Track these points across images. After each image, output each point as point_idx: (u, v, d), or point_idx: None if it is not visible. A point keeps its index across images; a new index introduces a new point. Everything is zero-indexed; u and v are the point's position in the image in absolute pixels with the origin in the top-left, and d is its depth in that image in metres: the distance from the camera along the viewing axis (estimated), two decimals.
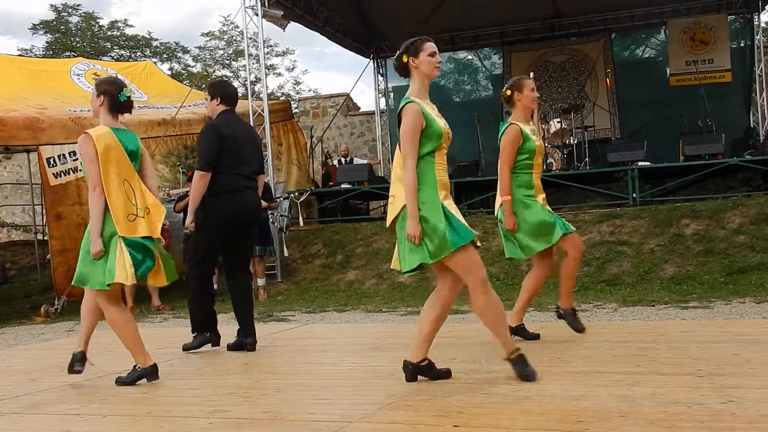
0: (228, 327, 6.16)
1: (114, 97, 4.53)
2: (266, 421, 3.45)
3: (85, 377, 4.76)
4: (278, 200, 11.06)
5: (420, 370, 4.06)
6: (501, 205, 5.14)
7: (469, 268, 3.85)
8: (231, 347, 5.64)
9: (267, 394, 4.02)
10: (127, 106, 4.59)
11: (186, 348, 5.65)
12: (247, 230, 5.68)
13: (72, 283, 4.60)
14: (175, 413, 3.72)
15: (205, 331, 5.65)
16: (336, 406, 3.69)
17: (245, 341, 5.59)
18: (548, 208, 5.10)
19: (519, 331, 5.20)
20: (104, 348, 5.69)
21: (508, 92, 5.21)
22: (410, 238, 3.85)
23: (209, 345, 5.68)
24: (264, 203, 8.85)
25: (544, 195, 5.18)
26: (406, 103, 3.96)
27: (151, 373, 4.51)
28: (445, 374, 4.07)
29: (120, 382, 4.51)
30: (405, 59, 4.04)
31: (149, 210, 4.55)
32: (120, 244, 4.37)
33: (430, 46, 4.03)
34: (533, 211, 5.01)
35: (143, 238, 4.47)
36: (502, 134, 5.17)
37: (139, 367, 4.50)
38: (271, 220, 10.46)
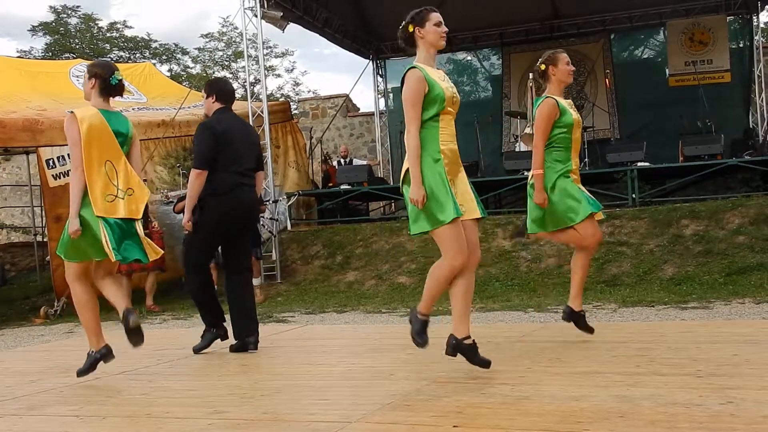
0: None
1: (105, 80, 4.56)
2: (266, 421, 3.45)
3: (85, 378, 4.76)
4: (267, 203, 11.05)
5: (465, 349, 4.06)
6: (531, 179, 4.94)
7: (452, 249, 3.89)
8: (234, 349, 5.60)
9: (266, 395, 4.01)
10: (118, 89, 4.63)
11: (196, 349, 5.58)
12: (246, 228, 5.68)
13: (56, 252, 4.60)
14: (175, 414, 3.71)
15: (216, 326, 5.61)
16: (335, 406, 3.69)
17: (248, 341, 5.57)
18: (579, 185, 4.93)
19: (578, 318, 5.02)
20: (114, 348, 5.68)
21: (543, 66, 5.02)
22: (413, 202, 3.88)
23: (218, 340, 5.66)
24: None
25: (578, 174, 4.99)
26: (409, 69, 3.98)
27: (106, 354, 4.56)
28: (484, 363, 4.05)
29: (80, 372, 4.55)
30: (411, 29, 4.06)
31: (133, 191, 4.54)
32: (100, 224, 4.39)
33: (436, 16, 4.05)
34: (565, 188, 4.84)
35: (123, 219, 4.48)
36: (536, 108, 4.99)
37: (92, 352, 4.56)
38: (261, 222, 10.44)
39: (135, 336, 4.53)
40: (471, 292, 4.09)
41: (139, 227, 4.60)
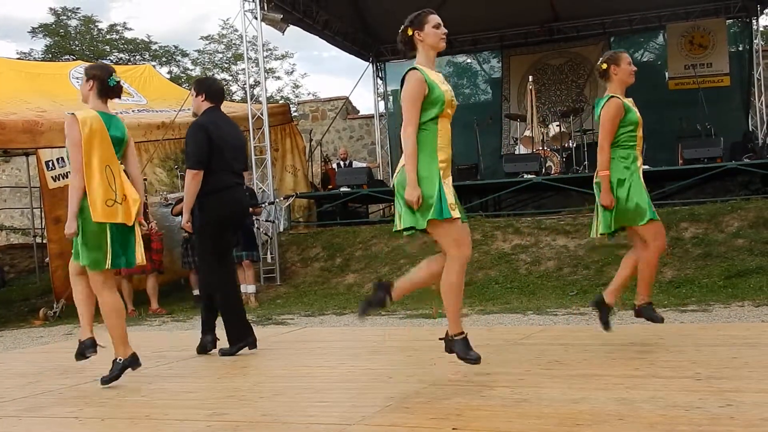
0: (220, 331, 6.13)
1: (103, 82, 4.56)
2: (265, 424, 3.45)
3: (84, 380, 4.76)
4: (263, 205, 11.03)
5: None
6: (597, 180, 4.88)
7: (456, 243, 3.91)
8: (224, 352, 5.56)
9: (265, 397, 4.01)
10: (116, 90, 4.62)
11: (223, 353, 5.52)
12: (238, 227, 5.74)
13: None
14: (174, 416, 3.71)
15: (246, 337, 5.52)
16: (334, 408, 3.69)
17: (248, 341, 5.56)
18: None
19: (648, 311, 4.97)
20: (113, 350, 5.68)
21: (604, 66, 4.98)
22: (409, 203, 3.89)
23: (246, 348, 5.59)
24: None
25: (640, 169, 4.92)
26: (409, 70, 3.99)
27: (133, 361, 4.58)
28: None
29: (105, 381, 4.54)
30: (410, 32, 4.07)
31: (126, 197, 4.55)
32: (107, 232, 4.43)
33: (434, 18, 4.06)
34: (633, 188, 4.79)
35: (120, 224, 4.50)
36: (601, 108, 4.92)
37: (119, 359, 4.56)
38: (256, 225, 10.42)
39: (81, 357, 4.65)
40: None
41: (137, 228, 4.61)
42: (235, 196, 5.54)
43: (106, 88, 4.57)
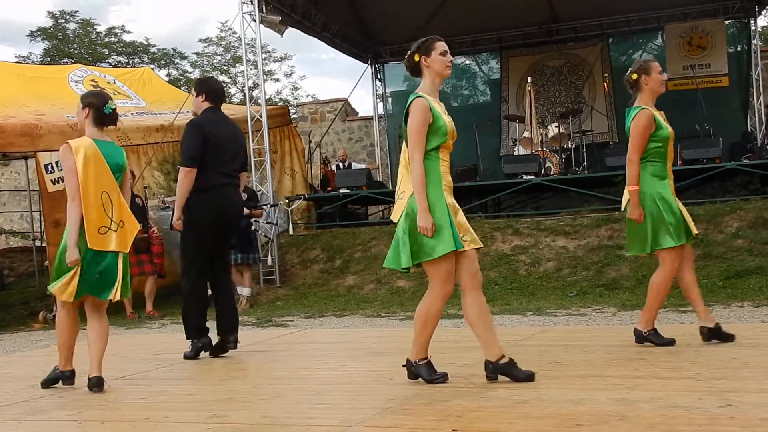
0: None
1: (99, 109, 4.56)
2: (265, 426, 3.45)
3: (84, 383, 4.75)
4: (263, 208, 11.02)
5: None
6: (629, 197, 4.81)
7: (446, 279, 3.97)
8: (214, 351, 5.57)
9: (265, 399, 4.01)
10: (112, 118, 4.62)
11: (186, 356, 5.57)
12: (229, 227, 5.71)
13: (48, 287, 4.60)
14: (174, 419, 3.71)
15: (200, 337, 5.56)
16: (335, 410, 3.69)
17: (228, 339, 5.56)
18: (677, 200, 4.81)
19: (716, 332, 4.80)
20: (112, 353, 5.67)
21: (634, 76, 4.89)
22: (422, 231, 3.87)
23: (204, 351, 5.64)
24: (246, 210, 8.87)
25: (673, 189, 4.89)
26: (415, 98, 4.00)
27: (68, 377, 4.67)
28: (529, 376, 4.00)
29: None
30: (417, 58, 4.08)
31: (124, 223, 4.55)
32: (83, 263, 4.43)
33: (441, 45, 4.07)
34: (665, 205, 4.77)
35: (111, 252, 4.49)
36: (632, 120, 4.83)
37: (57, 369, 4.70)
38: (253, 227, 10.40)
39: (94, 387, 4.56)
40: (486, 312, 4.08)
41: (122, 263, 4.57)
42: (226, 195, 5.54)
43: (102, 116, 4.57)
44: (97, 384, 4.45)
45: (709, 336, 4.79)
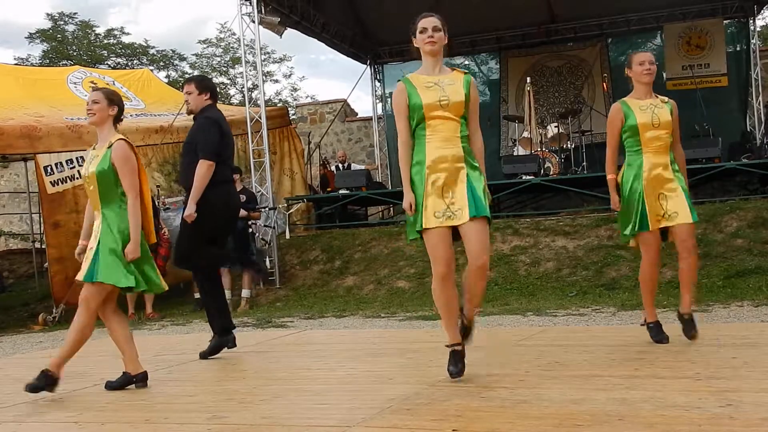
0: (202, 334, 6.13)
1: (122, 110, 4.71)
2: (264, 426, 3.45)
3: (84, 385, 4.76)
4: (262, 210, 11.01)
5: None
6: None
7: (434, 260, 3.96)
8: (208, 353, 5.57)
9: (265, 400, 4.01)
10: (121, 120, 4.75)
11: (203, 355, 5.58)
12: (232, 224, 5.88)
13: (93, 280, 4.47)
14: (174, 420, 3.71)
15: (229, 331, 5.62)
16: (334, 411, 3.69)
17: (228, 338, 5.58)
18: (676, 191, 4.78)
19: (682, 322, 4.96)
20: (111, 355, 5.68)
21: (625, 71, 4.99)
22: (405, 210, 3.99)
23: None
24: (243, 212, 8.90)
25: (668, 174, 4.81)
26: (397, 81, 4.13)
27: (141, 380, 4.59)
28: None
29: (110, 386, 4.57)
30: (412, 41, 4.15)
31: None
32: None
33: (421, 23, 4.11)
34: (629, 197, 4.85)
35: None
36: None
37: (127, 374, 4.60)
38: (252, 230, 10.39)
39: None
40: (480, 294, 4.07)
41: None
42: (234, 189, 5.84)
43: (119, 117, 4.68)
44: (143, 379, 4.55)
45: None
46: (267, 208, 11.34)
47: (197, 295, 9.56)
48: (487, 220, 4.06)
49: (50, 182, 10.02)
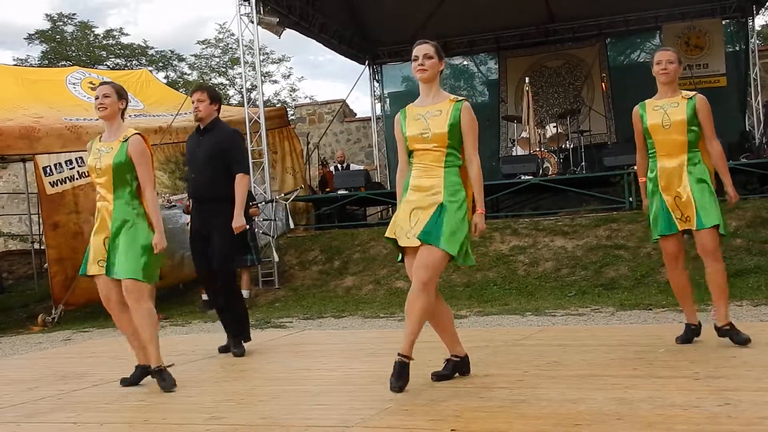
0: (211, 335, 6.13)
1: (127, 104, 4.84)
2: (263, 427, 3.45)
3: (83, 386, 4.76)
4: (258, 206, 10.99)
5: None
6: None
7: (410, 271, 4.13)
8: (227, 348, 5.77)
9: (264, 401, 4.01)
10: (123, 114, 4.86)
11: (238, 354, 5.70)
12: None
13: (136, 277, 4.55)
14: (172, 420, 3.71)
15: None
16: (333, 411, 3.69)
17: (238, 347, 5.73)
18: (686, 193, 4.65)
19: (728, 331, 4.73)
20: (112, 355, 5.68)
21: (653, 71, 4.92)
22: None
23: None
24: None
25: (682, 175, 4.68)
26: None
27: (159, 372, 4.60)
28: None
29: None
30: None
31: None
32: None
33: (414, 51, 4.17)
34: (651, 202, 4.80)
35: None
36: None
37: (145, 366, 4.69)
38: (253, 227, 10.37)
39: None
40: (414, 314, 4.03)
41: None
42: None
43: (124, 111, 4.80)
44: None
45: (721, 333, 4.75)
46: (264, 202, 11.33)
47: (205, 297, 9.56)
48: (441, 249, 3.92)
49: (49, 183, 10.00)
